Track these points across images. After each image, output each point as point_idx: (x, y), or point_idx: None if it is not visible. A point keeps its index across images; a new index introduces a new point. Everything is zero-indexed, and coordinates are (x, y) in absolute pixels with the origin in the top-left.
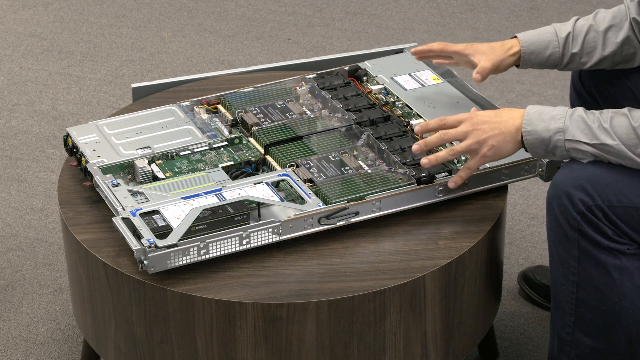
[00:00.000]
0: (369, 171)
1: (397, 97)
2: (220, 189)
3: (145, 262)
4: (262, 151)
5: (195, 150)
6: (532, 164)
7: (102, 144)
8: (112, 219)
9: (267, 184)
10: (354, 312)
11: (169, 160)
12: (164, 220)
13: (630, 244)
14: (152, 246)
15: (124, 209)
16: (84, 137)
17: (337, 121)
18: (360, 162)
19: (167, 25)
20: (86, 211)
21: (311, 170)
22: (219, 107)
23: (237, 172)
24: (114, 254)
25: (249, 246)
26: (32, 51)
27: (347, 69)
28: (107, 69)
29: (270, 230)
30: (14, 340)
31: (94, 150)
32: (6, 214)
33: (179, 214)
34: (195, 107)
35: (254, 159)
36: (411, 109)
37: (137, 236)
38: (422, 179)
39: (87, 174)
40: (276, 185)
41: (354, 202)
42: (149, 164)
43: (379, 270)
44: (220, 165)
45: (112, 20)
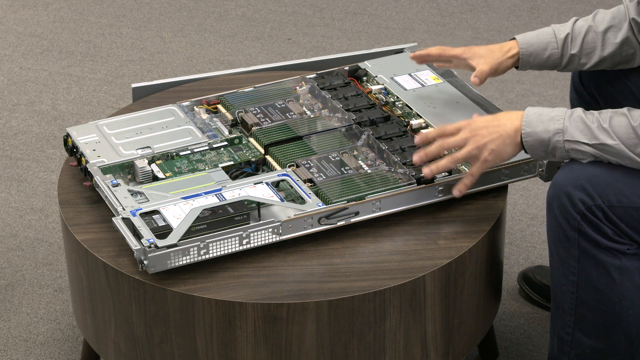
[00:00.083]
0: (369, 171)
1: (397, 97)
2: (220, 189)
3: (145, 262)
4: (262, 151)
5: (195, 150)
6: (532, 164)
7: (102, 144)
8: (112, 219)
9: (267, 184)
10: (354, 312)
11: (169, 160)
12: (164, 220)
13: (630, 244)
14: (152, 246)
15: (124, 209)
16: (84, 137)
17: (337, 121)
18: (360, 162)
19: (167, 25)
20: (86, 211)
21: (311, 170)
22: (219, 107)
23: (237, 172)
24: (114, 254)
25: (249, 246)
26: (32, 51)
27: (347, 69)
28: (107, 69)
29: (270, 230)
30: (14, 340)
31: (94, 150)
32: (6, 214)
33: (179, 214)
34: (195, 107)
35: (254, 159)
36: (411, 109)
37: (137, 236)
38: (422, 179)
39: (87, 174)
40: (276, 185)
41: (354, 202)
42: (149, 164)
43: (379, 270)
44: (220, 165)
45: (112, 20)
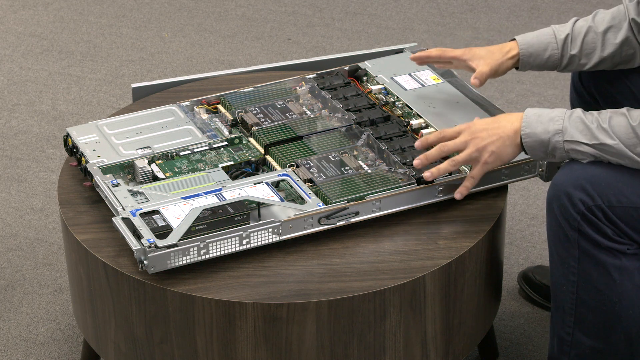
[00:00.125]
0: (369, 171)
1: (397, 97)
2: (220, 189)
3: (145, 262)
4: (262, 151)
5: (195, 150)
6: (532, 164)
7: (102, 144)
8: (112, 219)
9: (267, 184)
10: (354, 312)
11: (169, 160)
12: (164, 220)
13: (630, 244)
14: (152, 246)
15: (124, 209)
16: (84, 137)
17: (337, 121)
18: (360, 162)
19: (167, 25)
20: (86, 211)
21: (311, 170)
22: (219, 107)
23: (237, 172)
24: (114, 254)
25: (249, 246)
26: (32, 51)
27: (347, 69)
28: (107, 69)
29: (270, 230)
30: (14, 340)
31: (94, 150)
32: (6, 214)
33: (179, 214)
34: (195, 107)
35: (254, 159)
36: (411, 109)
37: (137, 236)
38: (422, 179)
39: (87, 174)
40: (276, 185)
41: (354, 202)
42: (149, 164)
43: (379, 270)
44: (220, 165)
45: (112, 20)
